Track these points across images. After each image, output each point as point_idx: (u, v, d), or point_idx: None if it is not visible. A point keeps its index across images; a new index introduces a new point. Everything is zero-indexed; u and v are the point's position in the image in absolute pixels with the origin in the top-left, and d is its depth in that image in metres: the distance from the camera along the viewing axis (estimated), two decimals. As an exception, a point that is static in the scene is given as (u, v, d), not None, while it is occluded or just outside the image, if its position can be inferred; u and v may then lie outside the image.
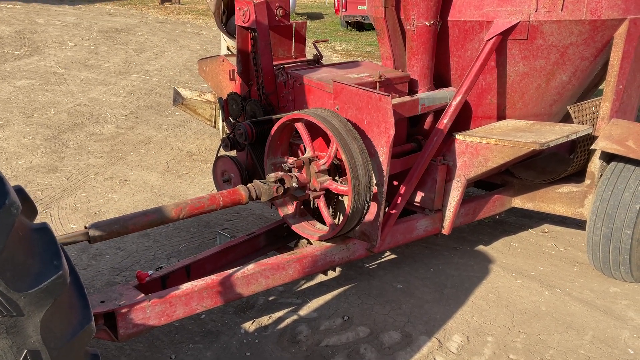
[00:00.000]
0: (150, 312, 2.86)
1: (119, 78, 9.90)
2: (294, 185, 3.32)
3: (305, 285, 3.98)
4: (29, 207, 1.60)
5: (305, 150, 3.61)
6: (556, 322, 3.66)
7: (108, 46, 12.43)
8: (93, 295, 2.89)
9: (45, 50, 11.59)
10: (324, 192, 3.41)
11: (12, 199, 1.38)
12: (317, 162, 3.39)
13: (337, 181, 3.41)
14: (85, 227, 2.73)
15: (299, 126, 3.43)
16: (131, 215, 2.87)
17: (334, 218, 3.68)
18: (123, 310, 2.78)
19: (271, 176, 3.32)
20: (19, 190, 1.55)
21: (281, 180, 3.29)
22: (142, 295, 2.92)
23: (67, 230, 4.63)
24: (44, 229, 1.54)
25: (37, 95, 8.52)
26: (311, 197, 3.43)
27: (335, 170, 3.52)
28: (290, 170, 3.34)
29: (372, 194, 3.22)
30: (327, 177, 3.39)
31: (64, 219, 4.85)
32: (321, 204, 3.44)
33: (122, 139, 6.91)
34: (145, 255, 4.31)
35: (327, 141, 3.51)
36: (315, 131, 3.49)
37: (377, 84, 3.78)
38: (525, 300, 3.89)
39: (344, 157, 3.11)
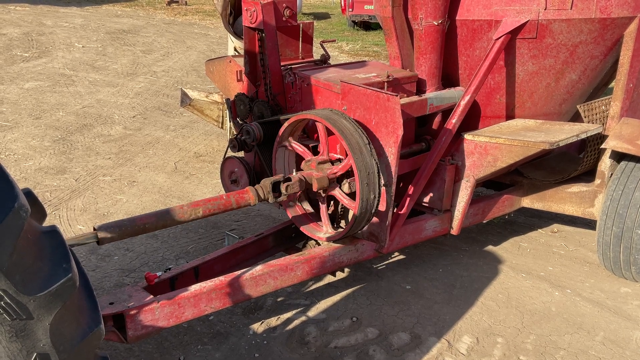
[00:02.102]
0: (159, 313, 2.86)
1: (127, 79, 9.93)
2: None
3: (314, 287, 3.97)
4: (38, 210, 1.59)
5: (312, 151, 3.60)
6: (567, 323, 3.63)
7: (115, 47, 12.47)
8: (102, 296, 2.89)
9: (53, 52, 11.64)
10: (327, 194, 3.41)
11: (21, 202, 1.37)
12: (330, 169, 3.36)
13: (345, 185, 3.38)
14: (94, 229, 2.73)
15: (320, 128, 3.38)
16: (140, 217, 2.87)
17: (342, 218, 3.67)
18: (132, 312, 2.78)
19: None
20: (28, 193, 1.55)
21: (288, 179, 3.29)
22: (151, 296, 2.92)
23: (75, 232, 4.64)
24: (53, 231, 1.54)
25: (46, 97, 8.56)
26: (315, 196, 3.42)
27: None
28: (289, 180, 3.31)
29: (380, 194, 3.20)
30: (335, 185, 3.38)
31: (73, 220, 4.86)
32: (323, 207, 3.43)
33: (130, 140, 6.93)
34: (153, 256, 4.32)
35: (334, 140, 3.50)
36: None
37: (385, 84, 3.77)
38: (535, 301, 3.86)
39: (351, 157, 3.09)
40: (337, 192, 3.36)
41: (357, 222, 3.24)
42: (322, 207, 3.49)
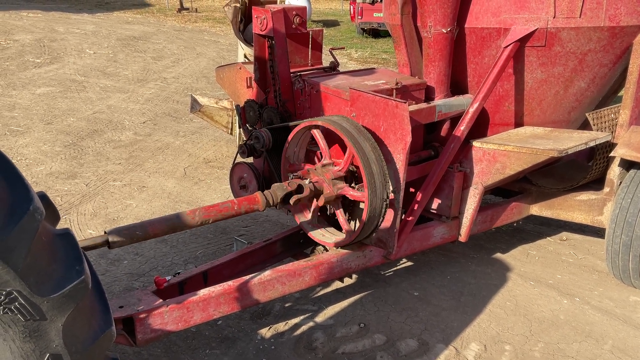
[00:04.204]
0: (168, 317, 2.88)
1: (137, 85, 10.01)
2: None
3: (322, 292, 3.98)
4: (52, 213, 1.62)
5: (321, 157, 3.62)
6: (575, 331, 3.62)
7: (126, 54, 12.57)
8: (112, 300, 2.91)
9: (65, 58, 11.76)
10: (341, 198, 3.42)
11: (36, 205, 1.40)
12: (333, 168, 3.40)
13: (353, 187, 3.42)
14: (105, 233, 2.76)
15: (316, 133, 3.44)
16: (150, 221, 2.90)
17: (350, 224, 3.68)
18: (141, 316, 2.80)
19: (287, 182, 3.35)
20: (43, 197, 1.58)
21: (299, 187, 3.33)
22: (160, 300, 2.94)
23: (86, 236, 4.68)
24: (67, 234, 1.56)
25: (57, 103, 8.64)
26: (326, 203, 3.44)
27: (352, 177, 3.53)
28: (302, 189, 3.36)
29: (388, 200, 3.21)
30: (343, 183, 3.40)
31: (83, 224, 4.90)
32: (338, 210, 3.45)
33: (140, 146, 6.98)
34: (162, 261, 4.35)
35: (343, 147, 3.52)
36: (332, 138, 3.50)
37: (394, 91, 3.79)
38: (544, 309, 3.85)
39: (360, 163, 3.11)
40: (347, 190, 3.37)
41: (366, 228, 3.26)
42: (337, 211, 3.49)
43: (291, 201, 3.28)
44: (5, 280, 1.34)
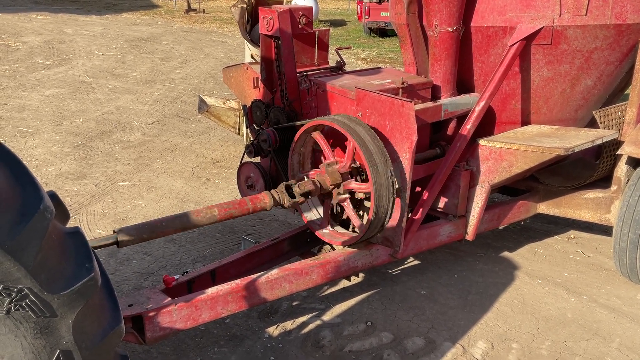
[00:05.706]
0: (176, 315, 2.90)
1: (146, 86, 10.06)
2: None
3: (329, 291, 4.00)
4: (62, 212, 1.65)
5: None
6: (582, 329, 3.62)
7: (134, 55, 12.64)
8: (121, 298, 2.94)
9: (74, 59, 11.83)
10: (349, 194, 3.44)
11: (46, 204, 1.42)
12: (338, 166, 3.42)
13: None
14: (114, 232, 2.79)
15: (317, 135, 3.46)
16: (158, 220, 2.93)
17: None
18: (150, 314, 2.83)
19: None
20: (53, 196, 1.60)
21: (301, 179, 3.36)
22: (169, 299, 2.97)
23: (95, 236, 4.72)
24: (77, 232, 1.59)
25: (66, 104, 8.71)
26: (335, 201, 3.46)
27: (359, 176, 3.54)
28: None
29: (394, 197, 3.22)
30: (348, 178, 3.42)
31: (92, 224, 4.94)
32: (348, 206, 3.45)
33: (148, 146, 7.02)
34: (171, 260, 4.38)
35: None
36: (339, 140, 3.52)
37: (400, 90, 3.80)
38: (551, 307, 3.85)
39: (362, 156, 3.12)
40: (353, 184, 3.39)
41: (372, 226, 3.27)
42: (346, 206, 3.50)
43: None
44: (16, 277, 1.37)
